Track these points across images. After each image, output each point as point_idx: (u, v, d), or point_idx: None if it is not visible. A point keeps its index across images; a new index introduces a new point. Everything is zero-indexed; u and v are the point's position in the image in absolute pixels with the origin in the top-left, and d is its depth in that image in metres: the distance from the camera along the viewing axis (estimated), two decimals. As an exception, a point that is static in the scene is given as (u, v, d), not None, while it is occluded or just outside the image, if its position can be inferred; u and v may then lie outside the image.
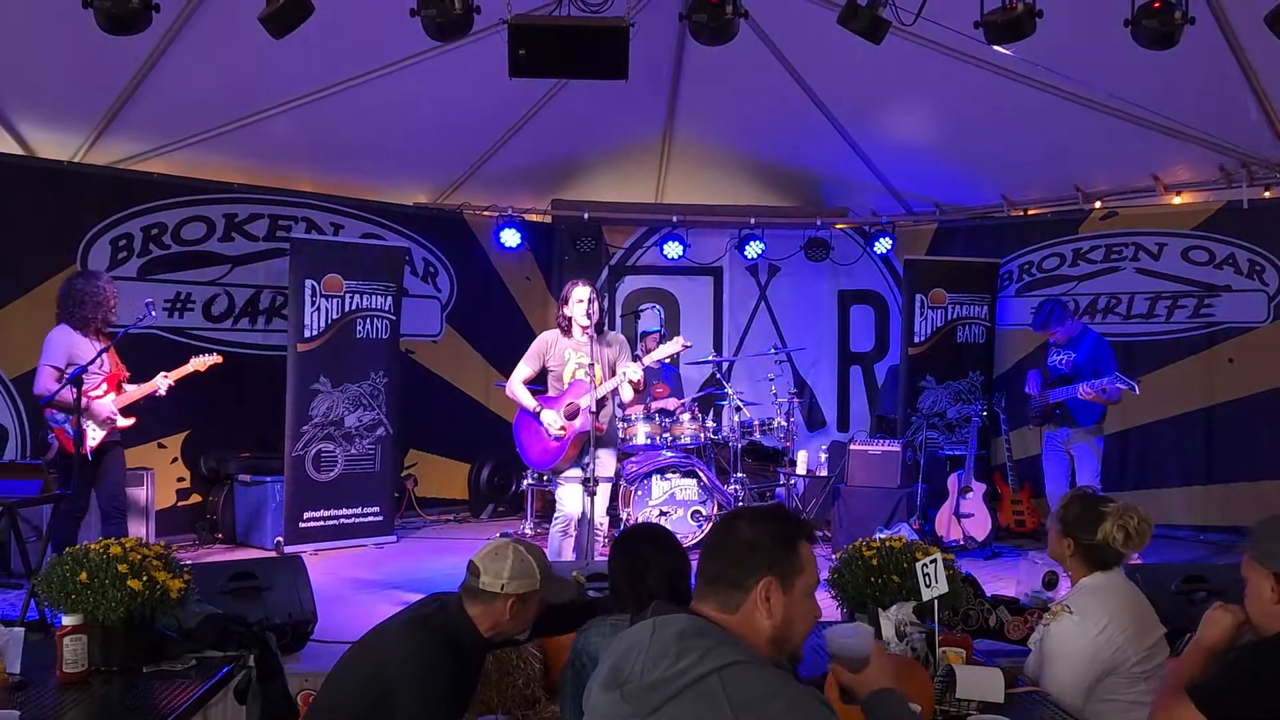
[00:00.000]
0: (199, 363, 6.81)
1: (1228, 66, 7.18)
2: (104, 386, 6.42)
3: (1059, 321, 7.63)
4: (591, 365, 6.33)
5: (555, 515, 6.50)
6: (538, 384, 6.56)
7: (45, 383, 6.20)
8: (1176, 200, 9.11)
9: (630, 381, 6.28)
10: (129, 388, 6.57)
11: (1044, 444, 7.81)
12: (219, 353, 7.00)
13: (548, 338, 6.53)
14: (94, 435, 6.33)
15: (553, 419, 6.34)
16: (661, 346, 6.71)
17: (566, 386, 6.37)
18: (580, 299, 6.34)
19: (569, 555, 6.54)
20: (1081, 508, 3.36)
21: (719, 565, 2.16)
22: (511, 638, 3.17)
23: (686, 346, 6.71)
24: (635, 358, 6.67)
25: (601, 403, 6.34)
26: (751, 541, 2.15)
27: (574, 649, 3.17)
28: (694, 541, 7.65)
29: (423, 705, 2.86)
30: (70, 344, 6.28)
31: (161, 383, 6.61)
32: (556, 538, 6.50)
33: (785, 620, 2.12)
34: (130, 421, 6.58)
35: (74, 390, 5.99)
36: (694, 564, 2.52)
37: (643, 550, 3.19)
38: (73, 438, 6.04)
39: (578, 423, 6.29)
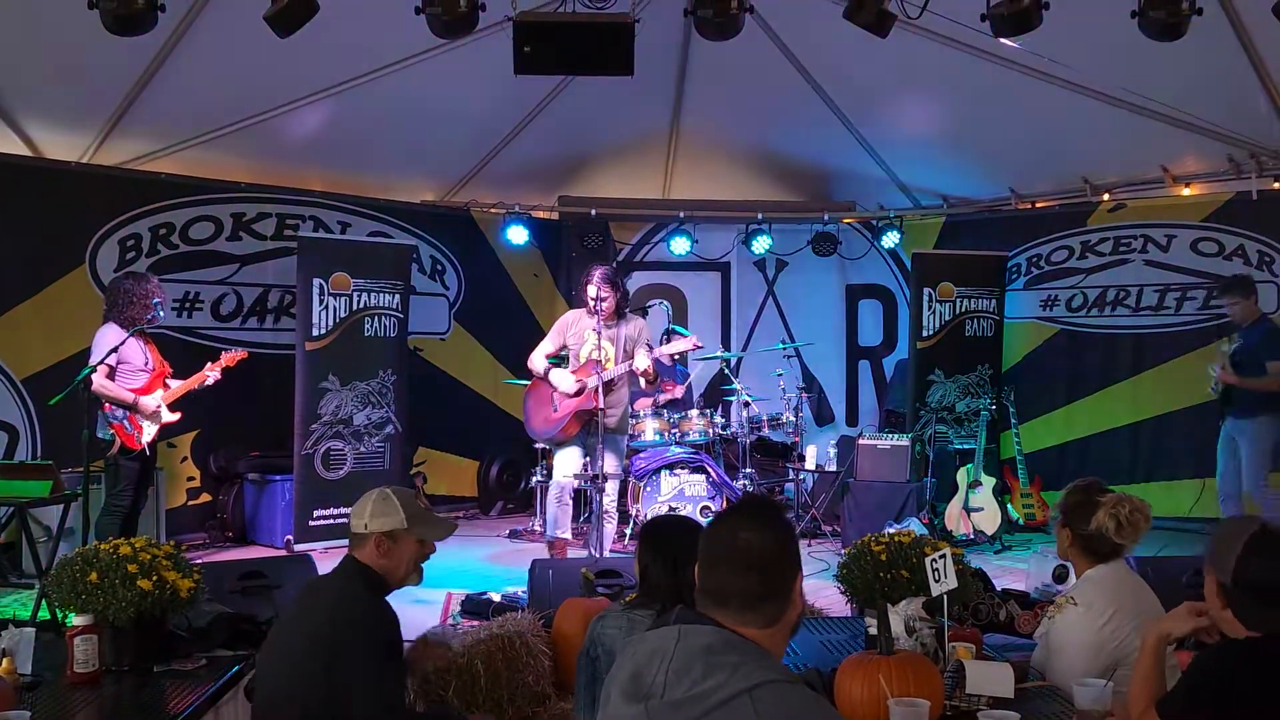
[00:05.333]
0: (228, 357, 6.98)
1: (1236, 57, 7.14)
2: (144, 380, 6.51)
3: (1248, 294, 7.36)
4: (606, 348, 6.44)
5: (550, 483, 6.55)
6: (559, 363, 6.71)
7: (99, 379, 6.28)
8: (1185, 192, 9.07)
9: (639, 372, 6.33)
10: (173, 383, 6.71)
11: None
12: (230, 352, 7.10)
13: (569, 316, 6.77)
14: (148, 431, 6.50)
15: (563, 377, 6.43)
16: (673, 342, 6.74)
17: (582, 364, 6.50)
18: (591, 296, 6.47)
19: (566, 525, 6.59)
20: (1080, 497, 3.33)
21: (757, 583, 2.01)
22: (405, 578, 3.17)
23: (698, 346, 6.76)
24: (651, 347, 6.72)
25: (611, 387, 6.38)
26: (786, 545, 2.07)
27: (589, 637, 3.17)
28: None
29: (367, 645, 2.90)
30: (117, 342, 6.33)
31: (210, 373, 6.80)
32: (552, 506, 6.54)
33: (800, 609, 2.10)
34: (176, 416, 6.71)
35: (87, 389, 6.02)
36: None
37: (681, 541, 3.03)
38: (86, 442, 6.02)
39: (580, 400, 6.39)
